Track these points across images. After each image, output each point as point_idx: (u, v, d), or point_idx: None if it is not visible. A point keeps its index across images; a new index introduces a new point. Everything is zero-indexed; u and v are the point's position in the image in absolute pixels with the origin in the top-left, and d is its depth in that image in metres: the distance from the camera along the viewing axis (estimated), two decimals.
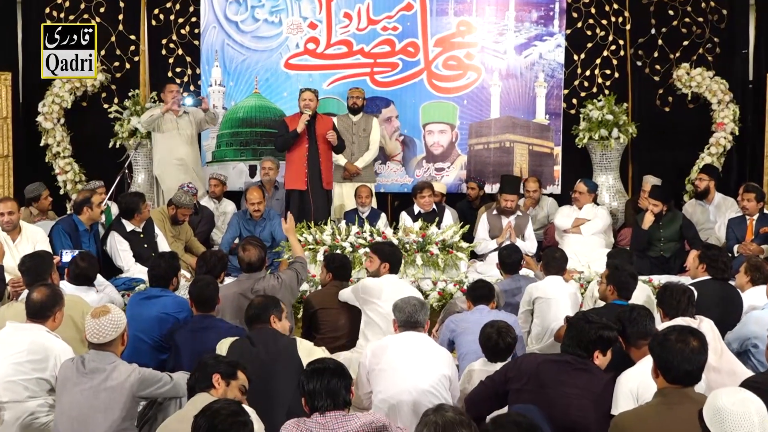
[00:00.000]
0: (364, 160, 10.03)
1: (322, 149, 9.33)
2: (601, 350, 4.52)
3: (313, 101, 9.32)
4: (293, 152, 9.31)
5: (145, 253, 7.85)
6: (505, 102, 10.79)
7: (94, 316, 4.64)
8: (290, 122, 9.33)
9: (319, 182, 9.28)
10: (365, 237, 7.98)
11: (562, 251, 6.91)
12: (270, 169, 9.92)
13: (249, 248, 6.33)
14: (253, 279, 6.20)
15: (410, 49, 10.75)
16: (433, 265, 7.84)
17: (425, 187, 9.14)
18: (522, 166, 10.81)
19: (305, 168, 9.21)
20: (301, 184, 9.23)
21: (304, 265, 6.70)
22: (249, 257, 6.29)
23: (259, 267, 6.29)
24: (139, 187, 10.32)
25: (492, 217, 8.94)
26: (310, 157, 9.24)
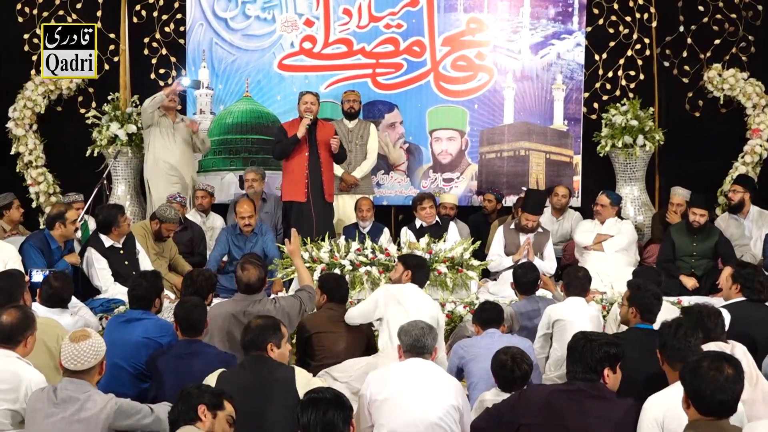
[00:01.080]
0: (362, 169, 10.05)
1: (324, 157, 9.29)
2: (610, 367, 4.52)
3: (315, 105, 9.31)
4: (292, 160, 9.26)
5: (125, 272, 7.85)
6: (520, 106, 10.80)
7: (73, 340, 4.62)
8: (289, 128, 9.30)
9: (321, 194, 9.22)
10: (366, 254, 7.97)
11: (585, 270, 6.87)
12: (254, 181, 9.92)
13: (249, 267, 6.23)
14: (248, 301, 6.16)
15: (416, 49, 10.78)
16: (441, 285, 7.83)
17: (425, 198, 9.16)
18: (538, 176, 10.82)
19: (305, 178, 9.16)
20: (301, 195, 9.17)
21: (311, 295, 6.51)
22: (248, 277, 6.20)
23: (258, 288, 6.23)
24: (119, 199, 10.32)
25: (509, 232, 8.92)
26: (310, 166, 9.19)
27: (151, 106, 9.76)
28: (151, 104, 9.76)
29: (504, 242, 8.90)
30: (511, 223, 9.03)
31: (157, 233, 8.57)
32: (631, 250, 9.21)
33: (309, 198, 9.13)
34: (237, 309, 6.09)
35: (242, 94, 10.83)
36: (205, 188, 10.01)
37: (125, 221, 8.06)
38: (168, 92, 9.83)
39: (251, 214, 8.79)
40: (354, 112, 10.13)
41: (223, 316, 6.05)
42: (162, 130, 9.84)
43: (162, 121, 9.86)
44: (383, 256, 7.93)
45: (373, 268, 7.83)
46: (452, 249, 8.06)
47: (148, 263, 8.16)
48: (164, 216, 8.52)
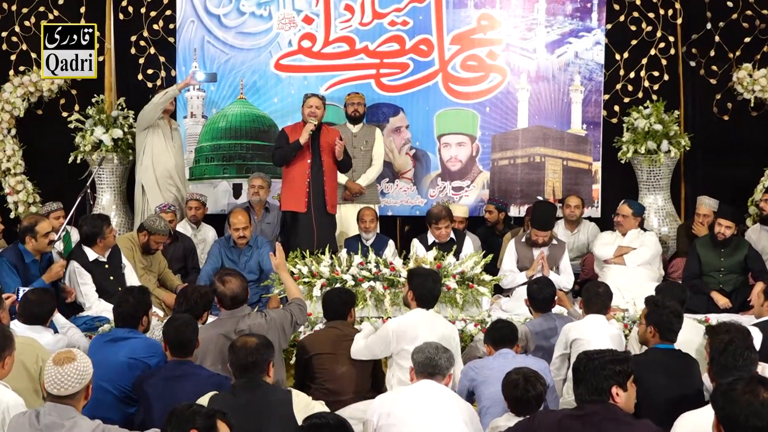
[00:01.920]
0: (367, 177, 10.07)
1: (327, 165, 9.22)
2: (618, 385, 4.47)
3: (320, 109, 9.23)
4: (293, 167, 9.19)
5: (110, 288, 7.86)
6: (535, 109, 10.82)
7: (56, 363, 4.58)
8: (291, 133, 9.24)
9: (323, 204, 9.17)
10: (370, 269, 7.96)
11: (606, 286, 6.85)
12: (260, 188, 9.94)
13: (229, 279, 6.20)
14: (236, 317, 6.13)
15: (423, 48, 10.80)
16: (451, 302, 7.82)
17: (443, 218, 8.98)
18: (555, 184, 10.82)
19: (306, 187, 9.10)
20: (301, 205, 9.11)
21: (302, 308, 6.50)
22: (232, 289, 6.17)
23: (244, 299, 6.25)
24: (104, 209, 10.33)
25: (521, 245, 8.93)
26: (313, 175, 9.12)
27: (161, 102, 9.85)
28: (162, 100, 9.84)
29: (516, 256, 8.90)
30: (522, 237, 9.03)
31: (145, 246, 8.57)
32: (655, 264, 9.20)
33: (310, 208, 9.08)
34: (227, 329, 6.04)
35: (236, 97, 10.86)
36: (199, 198, 10.01)
37: (111, 233, 8.06)
38: (182, 86, 9.99)
39: (246, 225, 8.80)
40: (358, 116, 10.15)
41: (213, 339, 6.02)
42: (161, 132, 9.89)
43: (160, 123, 9.92)
44: (388, 271, 7.90)
45: (377, 283, 7.81)
46: (462, 263, 8.06)
47: (135, 278, 8.17)
48: (153, 227, 8.52)
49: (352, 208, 9.90)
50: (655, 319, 5.70)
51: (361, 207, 9.66)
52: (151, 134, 9.92)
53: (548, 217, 8.98)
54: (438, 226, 8.97)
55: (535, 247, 8.83)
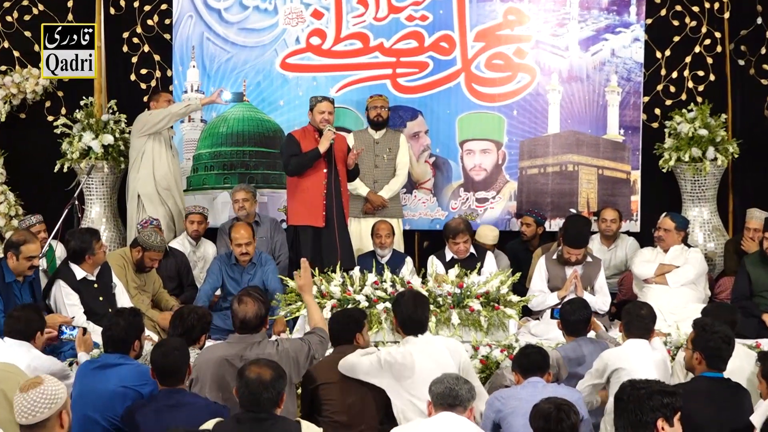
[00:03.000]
0: (390, 188, 10.08)
1: (342, 175, 9.34)
2: (665, 418, 4.43)
3: (332, 114, 9.33)
4: (305, 178, 9.21)
5: (99, 309, 7.84)
6: (567, 113, 10.81)
7: (22, 390, 4.56)
8: (301, 139, 9.26)
9: (342, 217, 9.25)
10: (385, 288, 7.95)
11: (649, 307, 6.79)
12: (245, 201, 9.87)
13: (247, 300, 6.11)
14: (245, 343, 6.09)
15: (444, 45, 10.81)
16: (474, 325, 7.81)
17: (460, 232, 9.04)
18: (589, 195, 10.80)
19: (324, 199, 9.14)
20: (318, 219, 9.15)
21: (324, 340, 6.39)
22: (245, 312, 6.09)
23: (256, 327, 6.14)
24: (93, 222, 10.37)
25: (552, 263, 8.90)
26: (330, 185, 9.15)
27: (181, 114, 10.07)
28: (182, 111, 10.01)
29: (547, 275, 8.88)
30: (553, 254, 9.00)
31: (138, 263, 8.57)
32: (700, 284, 9.17)
33: (332, 222, 9.10)
34: (231, 352, 6.01)
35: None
36: (201, 212, 10.00)
37: (100, 249, 8.06)
38: (206, 102, 10.08)
39: (249, 240, 8.77)
40: (382, 121, 10.17)
41: (215, 362, 5.98)
42: (162, 138, 9.93)
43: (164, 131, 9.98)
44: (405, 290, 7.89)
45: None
46: (487, 282, 8.04)
47: (127, 299, 8.17)
48: (148, 243, 8.51)
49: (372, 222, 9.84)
50: (703, 344, 5.66)
51: (375, 221, 9.67)
52: (150, 140, 9.94)
53: (582, 233, 8.94)
54: (456, 241, 8.98)
55: (567, 266, 8.80)
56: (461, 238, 9.00)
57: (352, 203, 9.81)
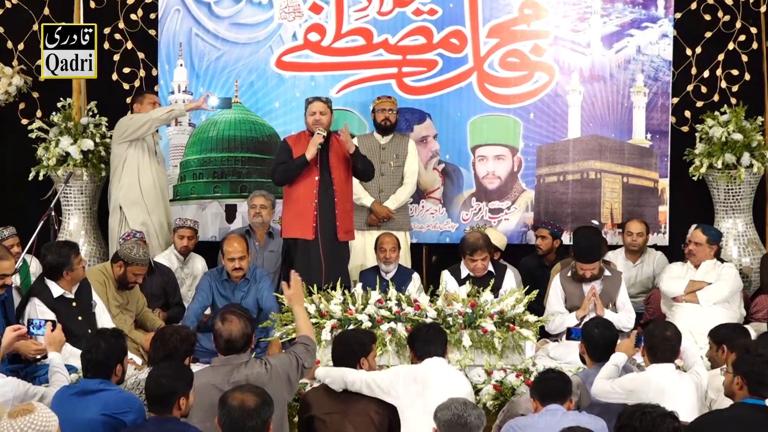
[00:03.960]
0: (397, 199, 10.07)
1: (339, 183, 9.16)
2: None
3: (326, 115, 9.17)
4: (297, 186, 9.14)
5: (78, 330, 7.83)
6: (589, 115, 10.82)
7: (11, 416, 4.56)
8: (295, 145, 9.19)
9: (332, 229, 9.12)
10: (390, 307, 7.94)
11: (673, 327, 6.77)
12: (263, 208, 9.96)
13: (231, 318, 6.16)
14: (231, 365, 6.11)
15: (454, 41, 10.82)
16: (487, 347, 7.80)
17: (479, 249, 8.95)
18: (613, 206, 10.80)
19: (314, 209, 9.06)
20: (307, 231, 9.07)
21: (310, 349, 6.43)
22: (230, 331, 6.13)
23: (242, 347, 6.18)
24: (71, 235, 10.38)
25: (567, 280, 8.88)
26: (321, 195, 9.07)
27: (164, 120, 10.02)
28: (166, 115, 9.96)
29: (563, 294, 8.86)
30: (568, 271, 8.97)
31: (120, 279, 8.54)
32: (735, 303, 9.15)
33: (317, 235, 9.02)
34: (219, 378, 6.01)
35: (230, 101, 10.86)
36: (192, 226, 9.99)
37: (79, 264, 8.04)
38: (191, 107, 10.03)
39: (242, 254, 8.77)
40: (390, 125, 10.15)
41: (201, 390, 5.98)
42: (146, 144, 9.93)
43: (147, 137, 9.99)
44: (412, 310, 7.87)
45: (398, 324, 7.77)
46: (501, 300, 8.03)
47: (108, 319, 8.15)
48: (130, 256, 8.49)
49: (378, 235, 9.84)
50: (745, 368, 5.64)
51: (379, 234, 9.63)
52: (132, 147, 9.93)
53: (592, 245, 8.88)
54: (473, 258, 8.93)
55: (583, 282, 8.78)
56: (479, 255, 8.92)
57: (357, 215, 9.74)
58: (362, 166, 9.27)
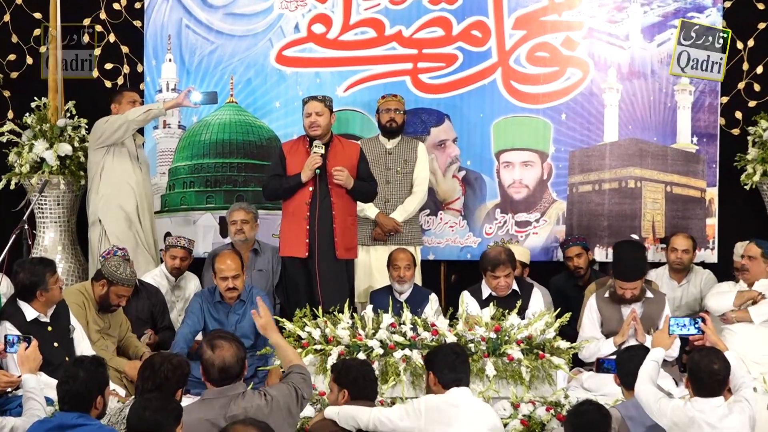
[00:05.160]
0: (405, 209, 10.06)
1: (338, 193, 9.06)
2: None
3: (323, 116, 9.04)
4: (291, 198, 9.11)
5: (54, 357, 7.82)
6: (628, 116, 10.82)
7: None
8: (290, 153, 9.16)
9: (330, 247, 9.05)
10: (404, 332, 7.94)
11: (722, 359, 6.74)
12: (244, 223, 9.91)
13: (220, 344, 6.13)
14: (226, 397, 6.10)
15: (476, 34, 10.83)
16: (514, 377, 7.79)
17: (501, 264, 8.87)
18: (655, 218, 10.78)
19: (306, 223, 9.00)
20: (300, 248, 9.04)
21: (306, 378, 6.43)
22: (222, 358, 6.11)
23: (237, 374, 6.18)
24: (46, 251, 10.38)
25: (604, 302, 8.85)
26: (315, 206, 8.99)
27: (140, 121, 9.96)
28: (142, 117, 9.89)
29: (599, 317, 8.83)
30: (605, 291, 8.93)
31: (102, 300, 8.50)
32: None
33: (313, 253, 8.96)
34: (214, 413, 6.00)
35: (225, 100, 10.90)
36: (186, 246, 9.91)
37: (56, 283, 8.01)
38: (171, 105, 9.99)
39: (237, 273, 8.75)
40: (396, 127, 10.15)
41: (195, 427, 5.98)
42: (125, 149, 9.90)
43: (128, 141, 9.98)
44: (429, 335, 7.88)
45: (413, 351, 7.78)
46: (530, 325, 8.01)
47: (88, 345, 8.14)
48: (115, 275, 8.44)
49: (385, 250, 9.85)
50: None
51: (393, 249, 9.62)
52: (110, 153, 9.92)
53: (635, 261, 8.84)
54: (496, 275, 8.87)
55: (623, 304, 8.75)
56: (502, 271, 8.84)
57: (360, 228, 9.70)
58: (363, 197, 9.31)
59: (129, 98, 10.14)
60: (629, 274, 8.68)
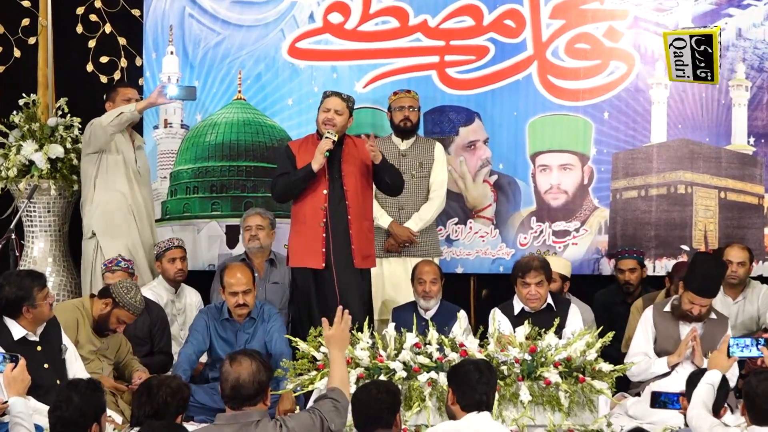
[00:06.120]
0: (421, 218, 10.06)
1: (354, 196, 9.11)
2: None
3: (342, 115, 9.09)
4: (303, 203, 9.14)
5: (44, 380, 7.82)
6: (678, 115, 10.81)
7: None
8: (300, 152, 9.18)
9: (347, 255, 9.08)
10: (430, 353, 7.95)
11: None
12: (259, 229, 9.96)
13: (241, 360, 6.02)
14: (238, 424, 6.07)
15: (509, 23, 10.84)
16: (551, 403, 7.79)
17: (533, 269, 8.88)
18: (707, 227, 10.77)
19: (323, 230, 9.05)
20: (316, 259, 9.06)
21: (340, 407, 6.27)
22: (238, 374, 5.96)
23: (252, 396, 6.08)
24: (35, 263, 10.43)
25: (662, 317, 8.83)
26: (331, 212, 9.04)
27: (114, 125, 9.78)
28: (115, 122, 9.76)
29: (654, 334, 8.81)
30: (665, 304, 8.93)
31: (101, 320, 8.46)
32: None
33: (330, 263, 8.98)
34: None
35: (232, 97, 10.93)
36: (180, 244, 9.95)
37: (45, 299, 8.01)
38: (143, 106, 9.85)
39: (248, 287, 8.74)
40: (410, 127, 10.13)
41: None
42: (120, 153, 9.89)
43: (118, 140, 9.93)
44: (457, 356, 7.88)
45: (440, 374, 7.78)
46: (569, 344, 8.01)
47: (81, 367, 8.13)
48: (125, 299, 8.35)
49: (399, 263, 9.89)
50: None
51: (418, 262, 9.59)
52: (104, 159, 9.91)
53: (716, 277, 8.76)
54: (526, 281, 8.85)
55: (683, 321, 8.72)
56: (533, 277, 8.81)
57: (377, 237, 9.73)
58: (391, 179, 9.23)
59: (123, 95, 10.07)
60: (707, 290, 8.62)
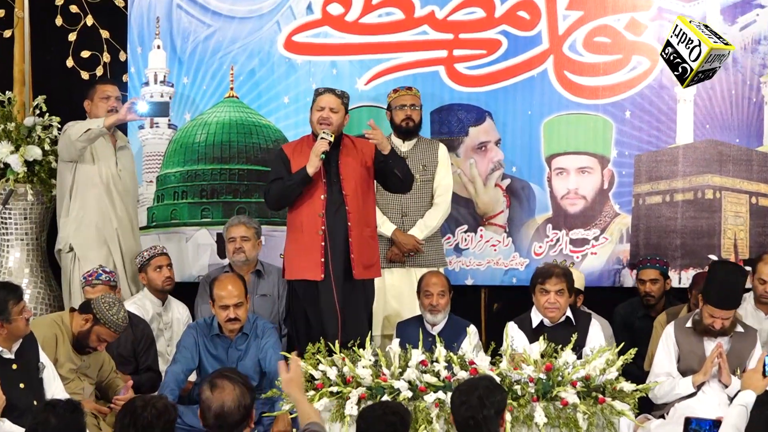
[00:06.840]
0: (426, 225, 10.08)
1: (354, 201, 9.08)
2: None
3: (337, 113, 9.07)
4: (298, 210, 9.14)
5: (20, 401, 7.83)
6: (706, 114, 10.81)
7: None
8: (294, 155, 9.17)
9: (346, 265, 9.08)
10: (437, 371, 7.95)
11: None
12: (244, 241, 9.95)
13: (223, 385, 6.10)
14: None
15: (523, 15, 10.84)
16: (568, 426, 7.79)
17: (553, 275, 8.86)
18: (738, 235, 10.76)
19: (321, 239, 9.04)
20: (315, 270, 9.05)
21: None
22: (222, 402, 6.07)
23: (238, 423, 6.17)
24: (11, 274, 10.45)
25: (684, 333, 8.82)
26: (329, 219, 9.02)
27: (82, 141, 9.78)
28: (83, 138, 9.76)
29: (677, 351, 8.81)
30: (687, 320, 8.92)
31: (81, 337, 8.45)
32: None
33: (328, 274, 8.96)
34: None
35: (224, 95, 10.94)
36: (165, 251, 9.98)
37: (21, 314, 8.02)
38: (111, 122, 9.80)
39: (240, 300, 8.73)
40: (412, 127, 10.16)
41: None
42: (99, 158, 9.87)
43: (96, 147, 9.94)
44: (466, 374, 7.89)
45: (448, 394, 7.77)
46: (587, 362, 8.00)
47: (60, 387, 8.14)
48: (107, 317, 8.35)
49: (402, 274, 9.92)
50: None
51: (424, 273, 9.59)
52: (80, 167, 9.92)
53: (735, 287, 8.73)
54: (545, 287, 8.83)
55: (708, 337, 8.72)
56: (553, 284, 8.78)
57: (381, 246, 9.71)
58: (401, 171, 9.19)
59: (101, 93, 10.11)
60: (725, 301, 8.55)
